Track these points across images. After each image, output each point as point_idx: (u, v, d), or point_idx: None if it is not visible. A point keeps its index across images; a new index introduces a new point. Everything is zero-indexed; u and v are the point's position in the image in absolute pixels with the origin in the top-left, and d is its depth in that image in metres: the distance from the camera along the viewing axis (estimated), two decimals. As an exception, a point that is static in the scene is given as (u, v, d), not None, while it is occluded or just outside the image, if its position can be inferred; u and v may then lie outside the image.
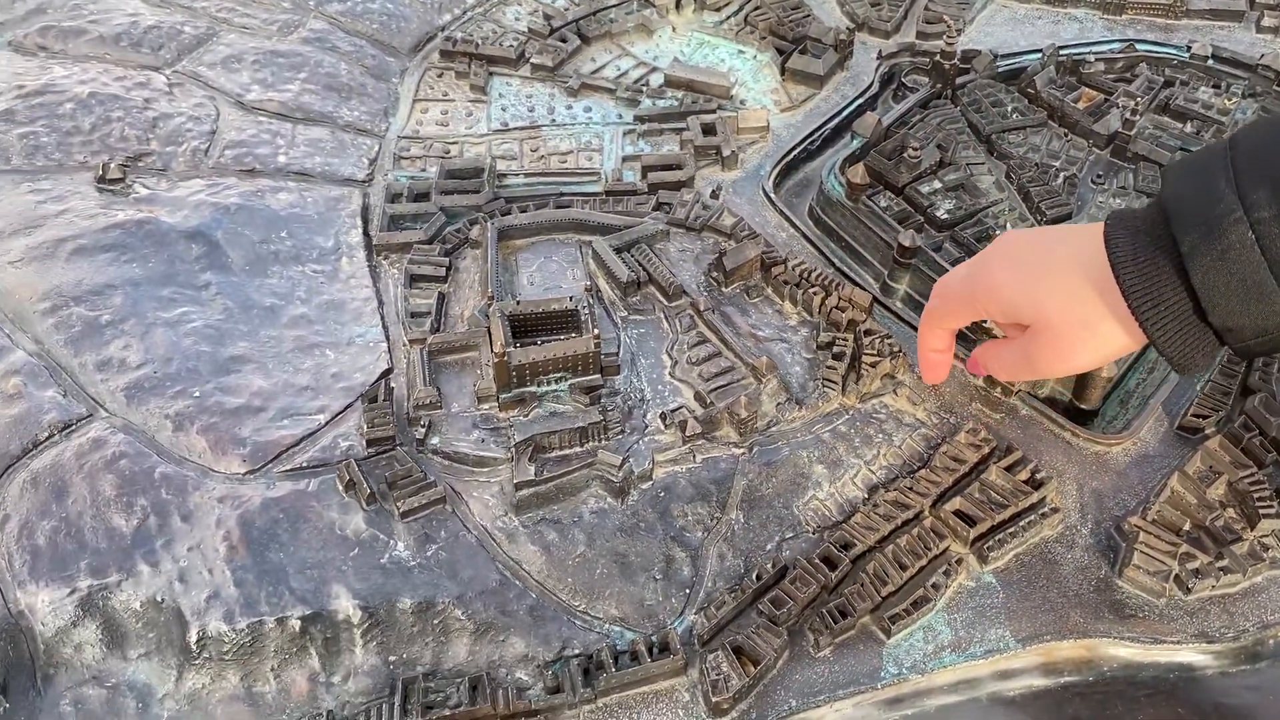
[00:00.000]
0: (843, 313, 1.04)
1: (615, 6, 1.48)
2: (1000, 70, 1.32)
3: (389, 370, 1.01)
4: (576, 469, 0.92)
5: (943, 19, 1.37)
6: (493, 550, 0.89)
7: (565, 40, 1.42)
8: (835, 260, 1.13)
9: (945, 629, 0.86)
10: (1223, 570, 0.88)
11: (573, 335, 0.98)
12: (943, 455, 0.95)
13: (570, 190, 1.22)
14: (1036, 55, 1.34)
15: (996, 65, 1.32)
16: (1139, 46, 1.36)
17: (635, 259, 1.10)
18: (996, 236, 0.95)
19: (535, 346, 0.97)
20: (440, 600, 0.85)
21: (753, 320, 1.07)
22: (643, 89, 1.35)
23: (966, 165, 1.18)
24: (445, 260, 1.11)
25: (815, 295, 1.06)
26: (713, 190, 1.21)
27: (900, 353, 1.01)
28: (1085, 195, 1.19)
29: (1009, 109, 1.27)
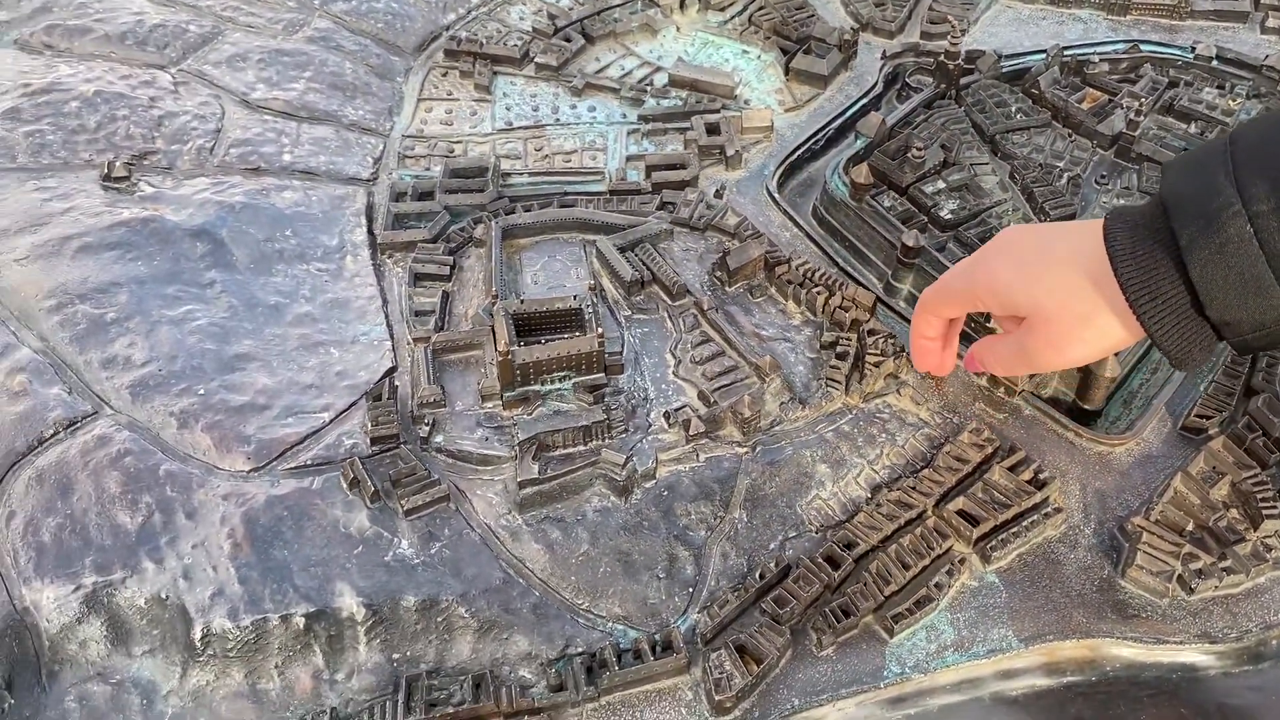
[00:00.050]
0: (846, 312, 1.04)
1: (620, 6, 1.48)
2: (1004, 70, 1.32)
3: (393, 368, 1.02)
4: (580, 468, 0.92)
5: (947, 19, 1.37)
6: (496, 548, 0.89)
7: (569, 40, 1.42)
8: (839, 260, 1.13)
9: (948, 628, 0.86)
10: (1226, 571, 0.88)
11: (577, 334, 0.99)
12: (946, 455, 0.95)
13: (574, 189, 1.22)
14: (1041, 56, 1.34)
15: (1001, 65, 1.32)
16: (1143, 47, 1.36)
17: (639, 258, 1.10)
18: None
19: (539, 345, 0.97)
20: (444, 598, 0.85)
21: (756, 319, 1.07)
22: (647, 88, 1.35)
23: (970, 165, 1.18)
24: (449, 259, 1.11)
25: (819, 295, 1.06)
26: (716, 190, 1.21)
27: (903, 352, 1.01)
28: (1089, 196, 1.19)
29: (1013, 109, 1.27)
